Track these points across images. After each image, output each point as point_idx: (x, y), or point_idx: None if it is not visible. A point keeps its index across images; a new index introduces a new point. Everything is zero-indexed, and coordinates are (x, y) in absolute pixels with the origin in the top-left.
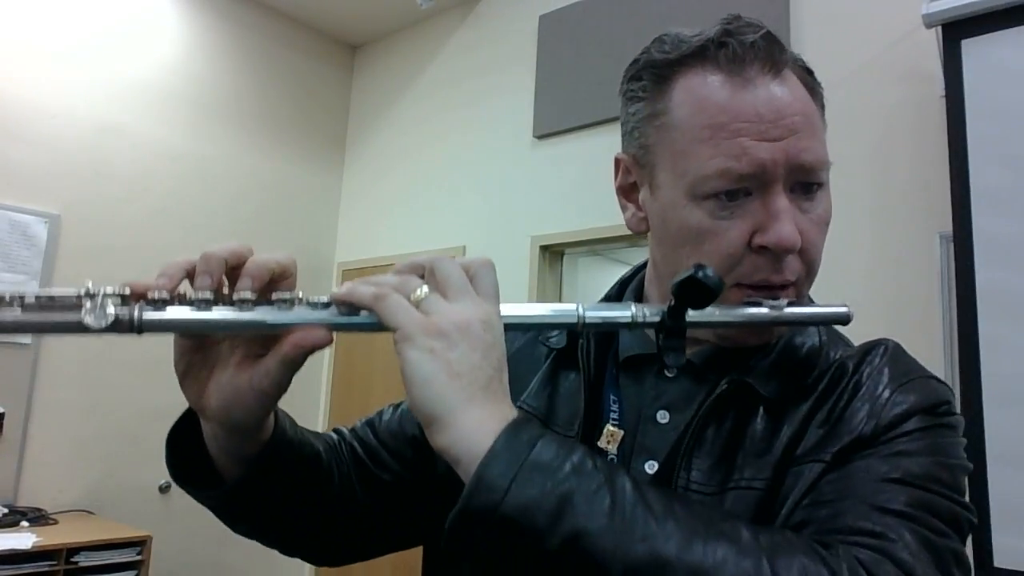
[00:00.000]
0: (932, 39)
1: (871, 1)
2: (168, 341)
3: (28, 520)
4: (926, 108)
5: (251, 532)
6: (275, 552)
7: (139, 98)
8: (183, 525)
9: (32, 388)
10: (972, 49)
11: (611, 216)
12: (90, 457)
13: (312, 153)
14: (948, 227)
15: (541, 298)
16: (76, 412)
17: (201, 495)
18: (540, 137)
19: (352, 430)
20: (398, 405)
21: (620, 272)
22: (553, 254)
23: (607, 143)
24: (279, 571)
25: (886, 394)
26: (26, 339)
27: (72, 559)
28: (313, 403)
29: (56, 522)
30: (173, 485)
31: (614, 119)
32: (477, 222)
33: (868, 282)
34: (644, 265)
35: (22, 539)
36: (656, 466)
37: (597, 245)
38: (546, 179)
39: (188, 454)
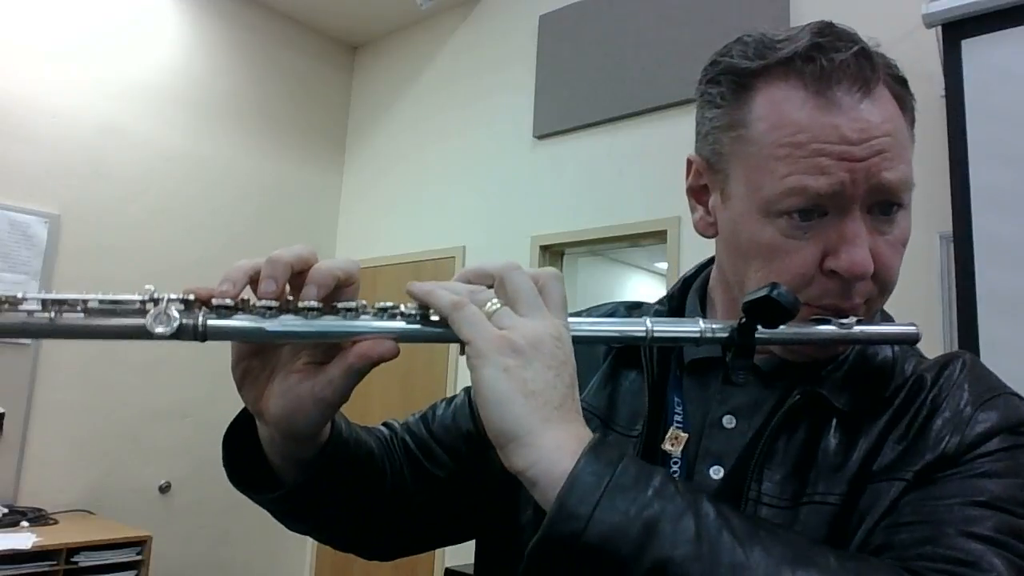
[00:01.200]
0: (932, 39)
1: (871, 1)
2: (170, 342)
3: (28, 520)
4: (926, 108)
5: (307, 531)
6: (275, 552)
7: (139, 98)
8: (183, 525)
9: (32, 388)
10: (972, 49)
11: (611, 216)
12: (90, 457)
13: (312, 153)
14: (948, 227)
15: None
16: (76, 412)
17: (260, 498)
18: (540, 137)
19: (404, 425)
20: (452, 399)
21: (620, 272)
22: (553, 254)
23: (607, 143)
24: (279, 570)
25: (968, 411)
26: (26, 339)
27: (72, 559)
28: None
29: (56, 522)
30: (173, 485)
31: (614, 119)
32: (477, 222)
33: None
34: (707, 263)
35: (22, 539)
36: (722, 471)
37: (597, 245)
38: (546, 179)
39: (245, 455)
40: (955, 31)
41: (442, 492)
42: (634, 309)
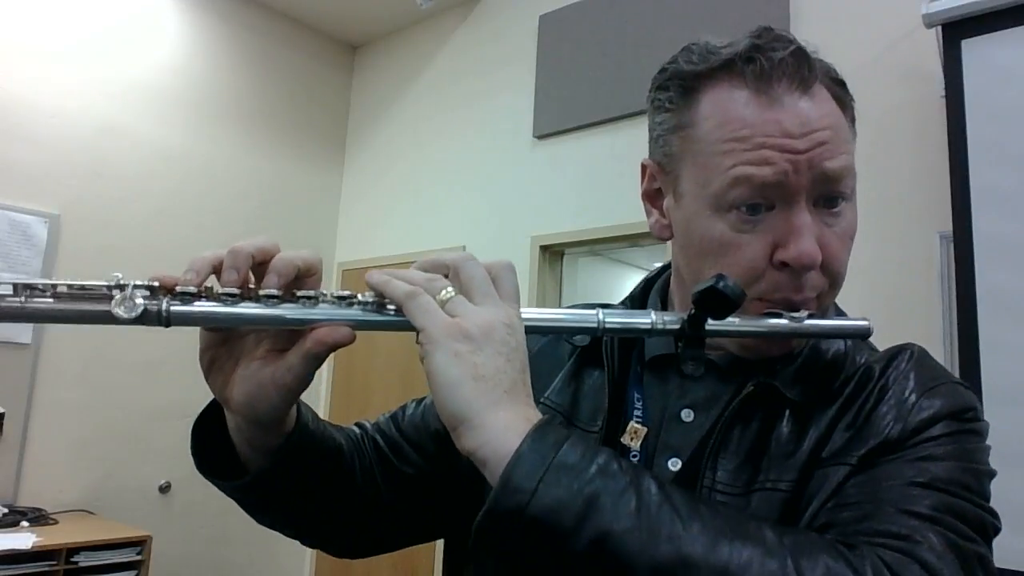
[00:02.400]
0: (932, 39)
1: (871, 1)
2: (169, 342)
3: (28, 520)
4: (926, 108)
5: (275, 524)
6: (275, 552)
7: (139, 98)
8: (183, 525)
9: (32, 388)
10: (972, 49)
11: (611, 216)
12: (90, 457)
13: (312, 153)
14: (948, 227)
15: (541, 298)
16: (76, 412)
17: (225, 485)
18: (540, 137)
19: (375, 424)
20: (421, 400)
21: (620, 272)
22: (553, 254)
23: (607, 143)
24: (279, 571)
25: (913, 399)
26: (26, 339)
27: (72, 559)
28: (313, 402)
29: (56, 522)
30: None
31: (614, 119)
32: (477, 222)
33: (868, 282)
34: (669, 265)
35: (22, 539)
36: (680, 464)
37: (597, 245)
38: (546, 179)
39: (213, 445)
40: (955, 31)
41: (411, 490)
42: (604, 308)
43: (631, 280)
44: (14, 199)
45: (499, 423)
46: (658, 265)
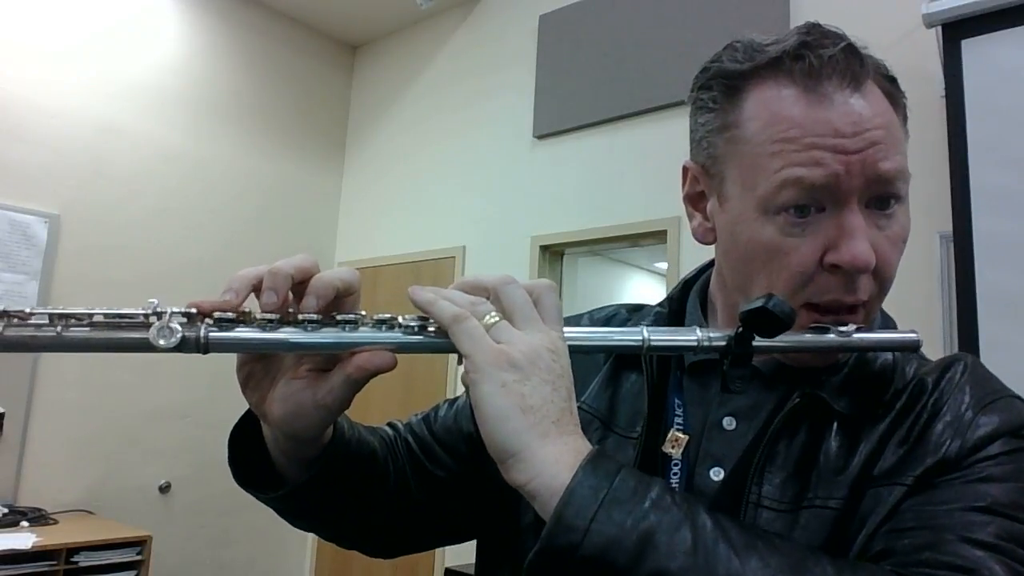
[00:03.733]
0: (932, 39)
1: (871, 1)
2: None
3: (28, 520)
4: (926, 108)
5: (311, 527)
6: (275, 552)
7: (139, 98)
8: (183, 525)
9: (32, 388)
10: (972, 49)
11: (611, 216)
12: (90, 457)
13: (312, 153)
14: (948, 227)
15: None
16: (76, 412)
17: (263, 497)
18: (540, 137)
19: (407, 425)
20: (454, 401)
21: (620, 272)
22: (553, 254)
23: (607, 143)
24: (279, 570)
25: (969, 415)
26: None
27: (72, 559)
28: None
29: (56, 522)
30: (173, 485)
31: (614, 119)
32: (477, 222)
33: None
34: (708, 265)
35: (22, 539)
36: (722, 473)
37: (597, 245)
38: (546, 179)
39: (249, 453)
40: (955, 31)
41: (443, 492)
42: (635, 312)
43: (631, 280)
44: (14, 199)
45: (549, 456)
46: (698, 266)
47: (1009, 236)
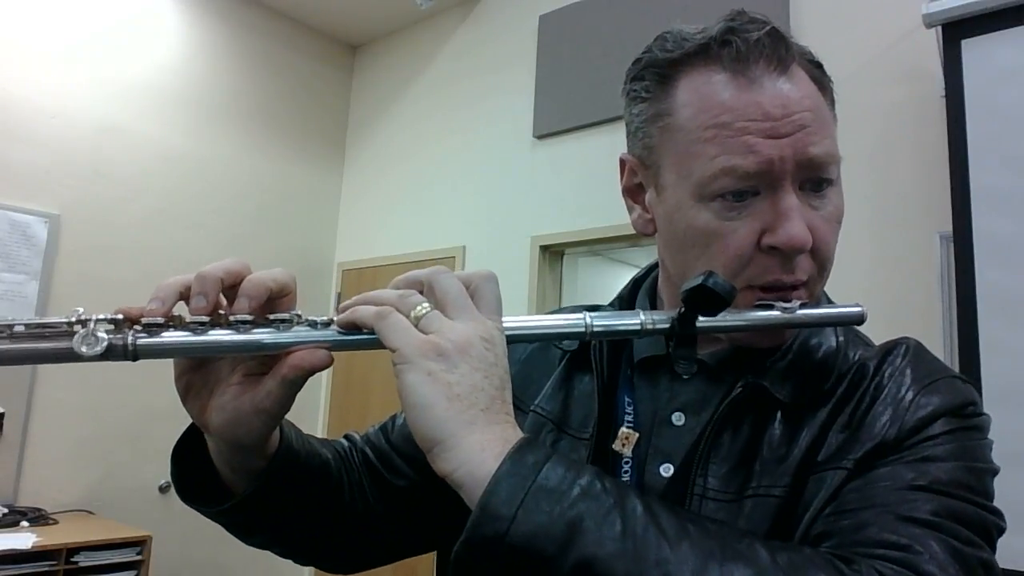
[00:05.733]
0: (932, 39)
1: (871, 1)
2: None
3: (28, 520)
4: (926, 108)
5: (265, 544)
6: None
7: (139, 98)
8: (183, 525)
9: (32, 388)
10: (972, 49)
11: (611, 216)
12: (90, 457)
13: (312, 153)
14: (948, 227)
15: (541, 298)
16: (76, 412)
17: (209, 511)
18: (540, 137)
19: (364, 436)
20: None
21: (620, 272)
22: (553, 254)
23: (607, 143)
24: (279, 571)
25: (909, 396)
26: None
27: (72, 559)
28: (313, 408)
29: (56, 522)
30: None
31: (614, 119)
32: (477, 222)
33: (868, 282)
34: (657, 264)
35: (22, 539)
36: (672, 469)
37: (597, 245)
38: (546, 179)
39: (194, 468)
40: (955, 31)
41: (403, 502)
42: (590, 310)
43: None
44: (14, 199)
45: (475, 445)
46: (646, 264)
47: (1009, 236)
